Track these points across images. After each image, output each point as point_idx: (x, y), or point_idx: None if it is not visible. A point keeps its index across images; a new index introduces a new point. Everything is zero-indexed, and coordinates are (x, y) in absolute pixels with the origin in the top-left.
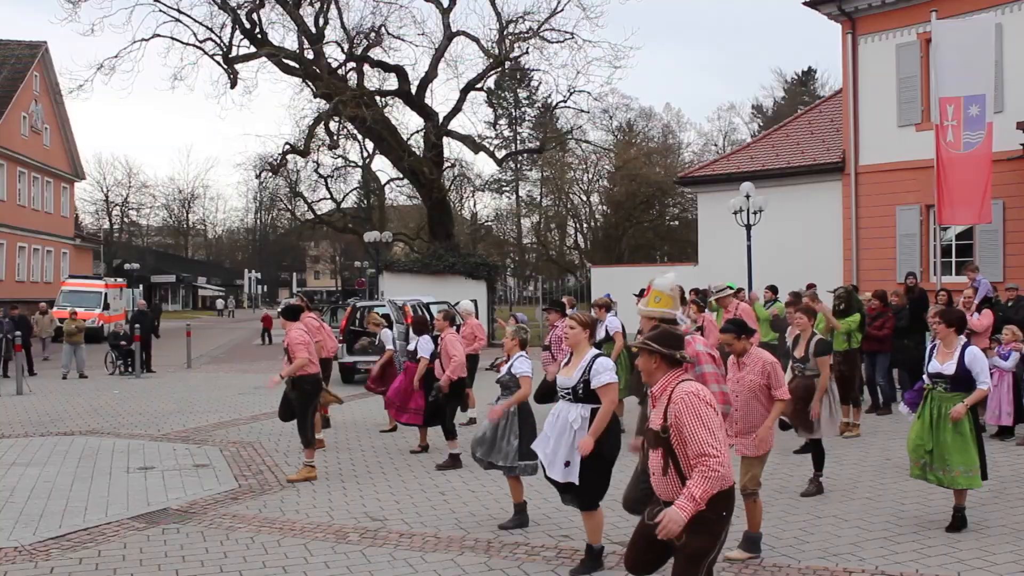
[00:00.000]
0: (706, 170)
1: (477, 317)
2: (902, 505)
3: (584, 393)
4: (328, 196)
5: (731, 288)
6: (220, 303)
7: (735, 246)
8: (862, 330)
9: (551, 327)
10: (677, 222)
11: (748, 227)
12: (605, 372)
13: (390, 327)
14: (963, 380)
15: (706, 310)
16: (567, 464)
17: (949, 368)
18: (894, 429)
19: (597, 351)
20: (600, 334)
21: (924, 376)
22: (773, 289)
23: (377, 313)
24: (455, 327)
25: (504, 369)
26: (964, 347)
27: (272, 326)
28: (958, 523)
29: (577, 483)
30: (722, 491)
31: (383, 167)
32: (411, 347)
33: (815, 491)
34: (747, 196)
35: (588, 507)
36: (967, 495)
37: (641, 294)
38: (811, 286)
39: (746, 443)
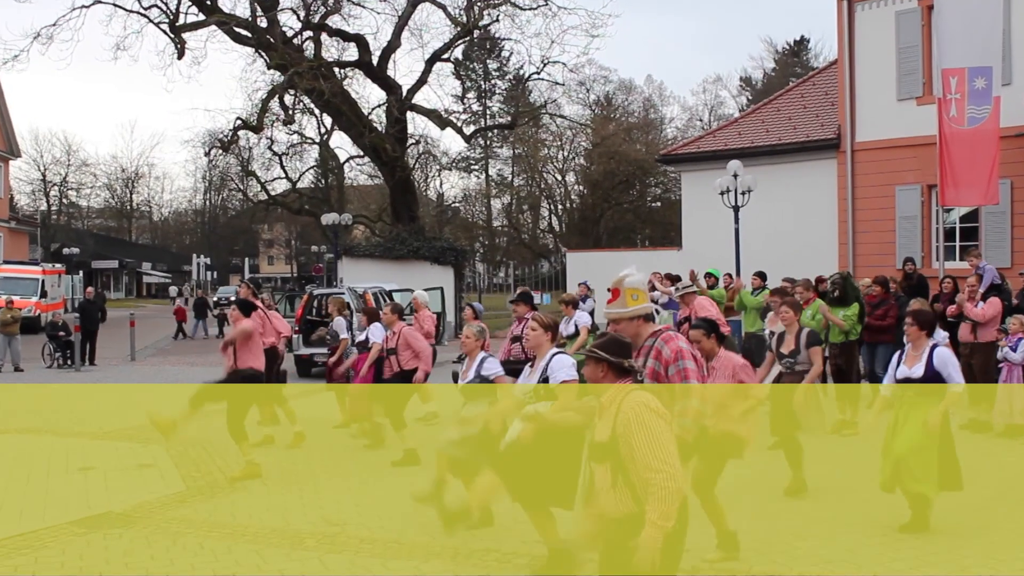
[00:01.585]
0: (690, 147)
1: (443, 307)
2: (903, 508)
3: (546, 395)
4: (283, 175)
5: (714, 275)
6: (173, 290)
7: (721, 229)
8: (861, 320)
9: (518, 321)
10: (659, 203)
11: (736, 209)
12: (562, 370)
13: (351, 316)
14: (932, 383)
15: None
16: None
17: (917, 371)
18: None
19: (557, 349)
20: (569, 329)
21: (883, 383)
22: (762, 276)
23: (342, 298)
24: (406, 320)
25: (470, 373)
26: (932, 348)
27: (187, 319)
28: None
29: None
30: None
31: (342, 144)
32: (362, 337)
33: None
34: (735, 175)
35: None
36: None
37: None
38: (821, 280)
39: None
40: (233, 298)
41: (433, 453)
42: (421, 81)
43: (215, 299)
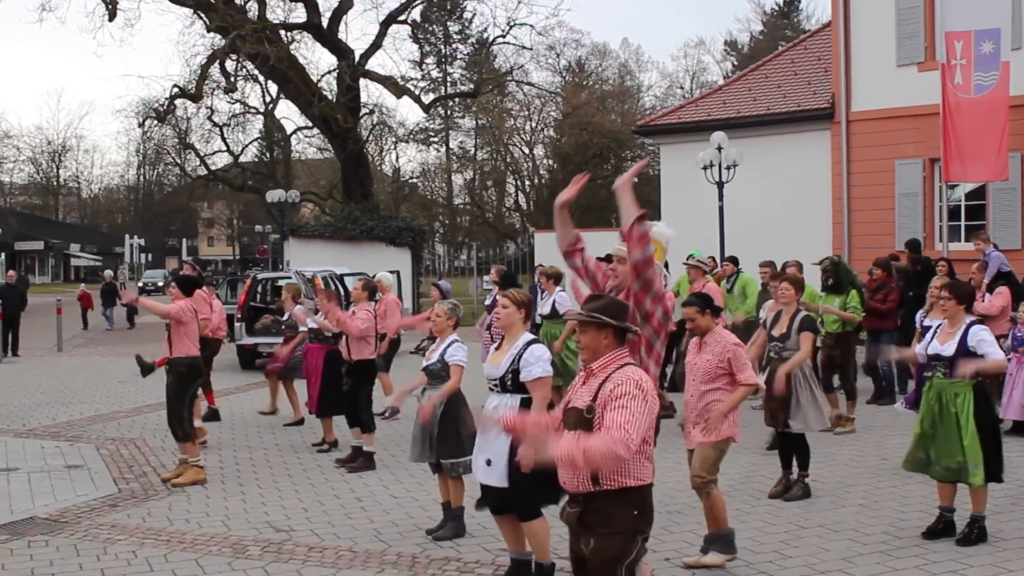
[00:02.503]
0: (670, 117)
1: (400, 292)
2: (903, 512)
3: (513, 384)
4: (224, 148)
5: (694, 256)
6: (108, 273)
7: (704, 207)
8: (863, 306)
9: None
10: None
11: (719, 185)
12: (537, 363)
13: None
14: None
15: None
16: (488, 463)
17: (948, 349)
18: (893, 424)
19: (531, 337)
20: (545, 308)
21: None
22: (733, 260)
23: (297, 284)
24: (373, 301)
25: (435, 355)
26: (969, 325)
27: (93, 306)
28: (973, 535)
29: (503, 486)
30: (633, 489)
31: (289, 114)
32: (313, 324)
33: (800, 495)
34: (718, 148)
35: (525, 515)
36: (986, 500)
37: (608, 259)
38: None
39: (697, 432)
40: (162, 283)
41: (392, 453)
42: (375, 45)
43: (140, 284)
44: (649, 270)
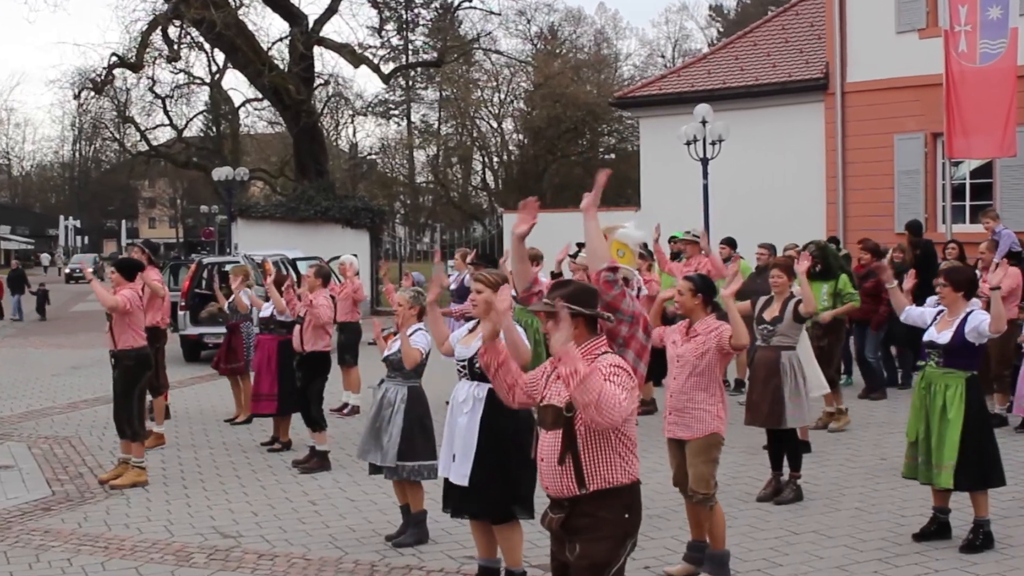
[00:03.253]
0: (651, 88)
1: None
2: (902, 517)
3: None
4: (167, 122)
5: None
6: (46, 258)
7: (687, 186)
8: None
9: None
10: (613, 155)
11: (704, 161)
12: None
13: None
14: (960, 353)
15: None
16: (455, 459)
17: (944, 337)
18: (891, 420)
19: None
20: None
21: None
22: (731, 243)
23: (247, 266)
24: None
25: (396, 344)
26: (968, 313)
27: (2, 295)
28: (978, 541)
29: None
30: (623, 487)
31: (237, 85)
32: (265, 312)
33: (792, 497)
34: (703, 122)
35: (494, 518)
36: (987, 503)
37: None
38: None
39: (680, 423)
40: (91, 270)
41: (348, 452)
42: (331, 10)
43: (68, 270)
44: (620, 303)
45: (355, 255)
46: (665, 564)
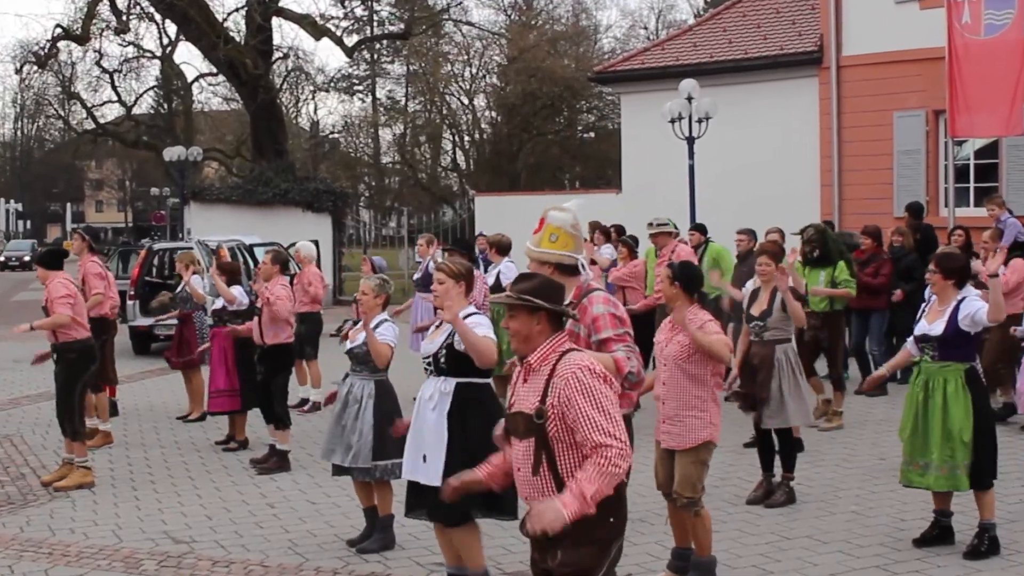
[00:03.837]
0: (633, 62)
1: (319, 265)
2: (901, 520)
3: (447, 362)
4: (115, 99)
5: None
6: None
7: (671, 166)
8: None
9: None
10: (593, 134)
11: (690, 141)
12: (477, 328)
13: (200, 276)
14: (955, 343)
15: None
16: (424, 459)
17: (936, 328)
18: (889, 418)
19: (473, 310)
20: (489, 281)
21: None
22: (700, 229)
23: (194, 252)
24: (290, 276)
25: (360, 337)
26: (960, 302)
27: None
28: (983, 546)
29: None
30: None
31: (190, 59)
32: (218, 304)
33: (784, 500)
34: (688, 98)
35: (455, 521)
36: (994, 505)
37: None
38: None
39: (672, 432)
40: (28, 258)
41: (309, 452)
42: None
43: (2, 258)
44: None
45: (316, 241)
46: (648, 572)
